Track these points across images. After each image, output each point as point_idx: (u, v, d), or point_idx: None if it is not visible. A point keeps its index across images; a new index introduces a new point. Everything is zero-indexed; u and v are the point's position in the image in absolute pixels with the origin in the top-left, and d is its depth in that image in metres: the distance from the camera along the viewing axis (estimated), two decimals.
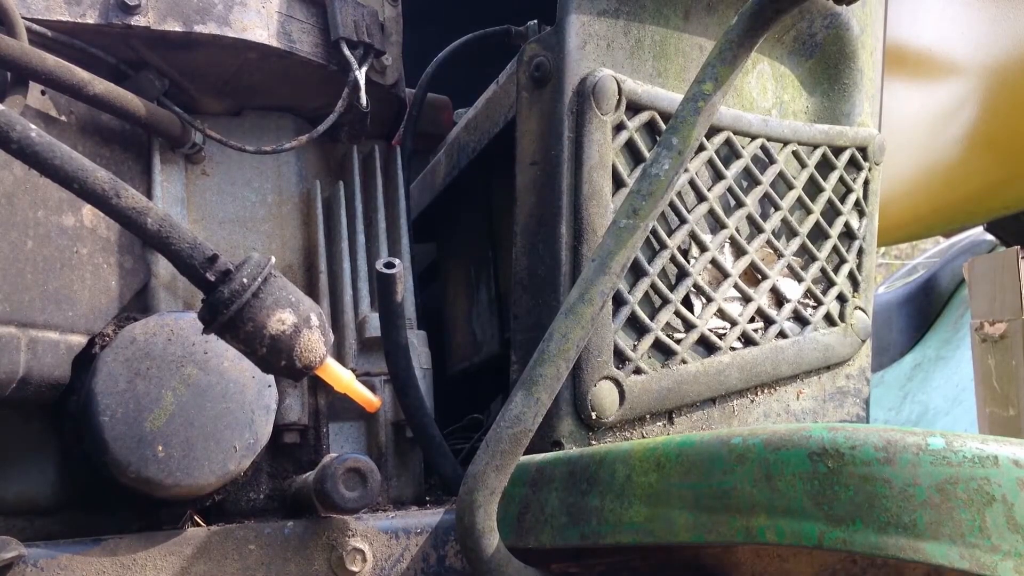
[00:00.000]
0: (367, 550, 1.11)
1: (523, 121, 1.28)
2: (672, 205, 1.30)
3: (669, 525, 0.82)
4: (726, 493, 0.75)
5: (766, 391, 1.39)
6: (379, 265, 1.19)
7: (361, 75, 1.30)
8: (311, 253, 1.36)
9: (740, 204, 1.36)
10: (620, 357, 1.23)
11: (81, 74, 1.11)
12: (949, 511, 0.60)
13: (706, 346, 1.32)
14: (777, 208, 1.41)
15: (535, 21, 1.66)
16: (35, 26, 1.12)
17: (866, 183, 1.52)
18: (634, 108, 1.26)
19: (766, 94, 1.43)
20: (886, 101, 1.59)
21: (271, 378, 1.14)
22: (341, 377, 1.03)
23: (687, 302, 1.31)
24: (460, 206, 1.76)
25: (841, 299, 1.49)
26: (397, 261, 1.20)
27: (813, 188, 1.45)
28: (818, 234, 1.46)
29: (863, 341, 1.50)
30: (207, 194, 1.32)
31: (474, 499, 0.98)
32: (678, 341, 1.29)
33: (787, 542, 0.69)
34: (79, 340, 1.11)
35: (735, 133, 1.35)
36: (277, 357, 0.95)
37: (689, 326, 1.30)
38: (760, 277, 1.39)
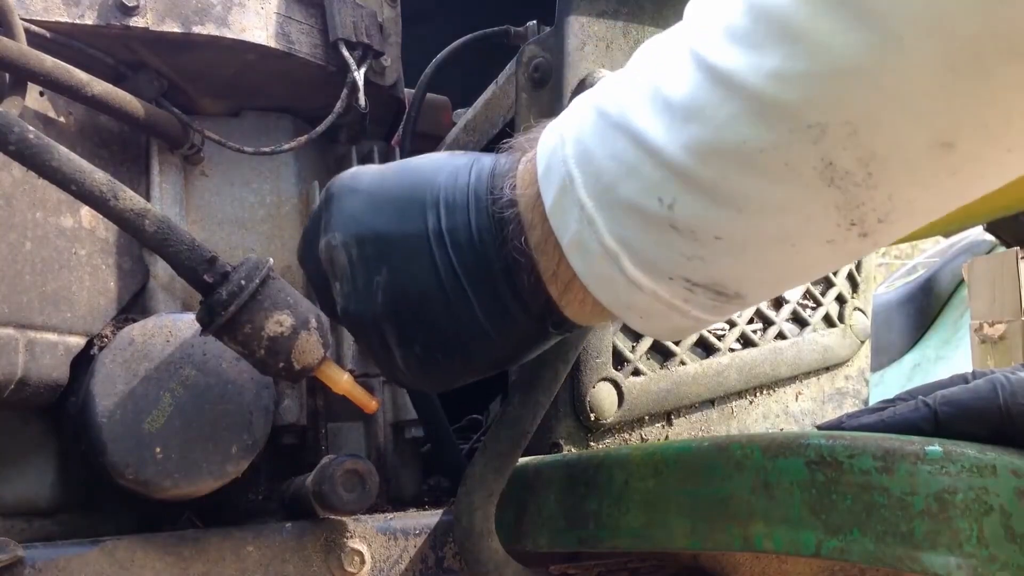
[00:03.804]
0: (365, 551, 1.11)
1: (522, 122, 1.28)
2: None
3: (667, 531, 0.82)
4: (724, 500, 0.75)
5: (765, 392, 1.39)
6: None
7: (360, 76, 1.29)
8: None
9: None
10: (619, 358, 1.23)
11: (79, 75, 1.10)
12: (947, 521, 0.60)
13: (705, 347, 1.32)
14: None
15: (535, 21, 1.65)
16: (33, 27, 1.12)
17: None
18: None
19: None
20: None
21: (270, 379, 1.14)
22: (340, 378, 1.02)
23: None
24: None
25: (840, 300, 1.48)
26: None
27: None
28: None
29: (862, 342, 1.50)
30: (206, 195, 1.31)
31: (472, 501, 0.98)
32: (677, 342, 1.29)
33: (784, 551, 0.68)
34: (77, 341, 1.11)
35: None
36: (275, 359, 0.95)
37: None
38: None
